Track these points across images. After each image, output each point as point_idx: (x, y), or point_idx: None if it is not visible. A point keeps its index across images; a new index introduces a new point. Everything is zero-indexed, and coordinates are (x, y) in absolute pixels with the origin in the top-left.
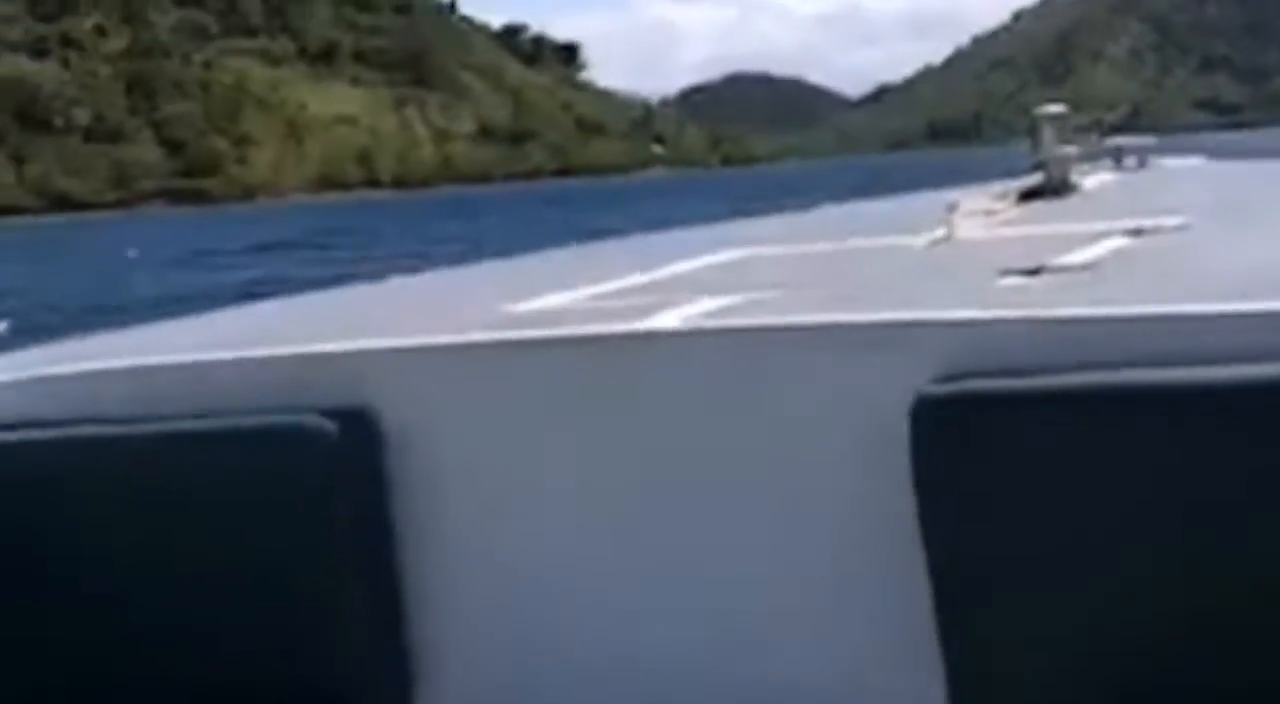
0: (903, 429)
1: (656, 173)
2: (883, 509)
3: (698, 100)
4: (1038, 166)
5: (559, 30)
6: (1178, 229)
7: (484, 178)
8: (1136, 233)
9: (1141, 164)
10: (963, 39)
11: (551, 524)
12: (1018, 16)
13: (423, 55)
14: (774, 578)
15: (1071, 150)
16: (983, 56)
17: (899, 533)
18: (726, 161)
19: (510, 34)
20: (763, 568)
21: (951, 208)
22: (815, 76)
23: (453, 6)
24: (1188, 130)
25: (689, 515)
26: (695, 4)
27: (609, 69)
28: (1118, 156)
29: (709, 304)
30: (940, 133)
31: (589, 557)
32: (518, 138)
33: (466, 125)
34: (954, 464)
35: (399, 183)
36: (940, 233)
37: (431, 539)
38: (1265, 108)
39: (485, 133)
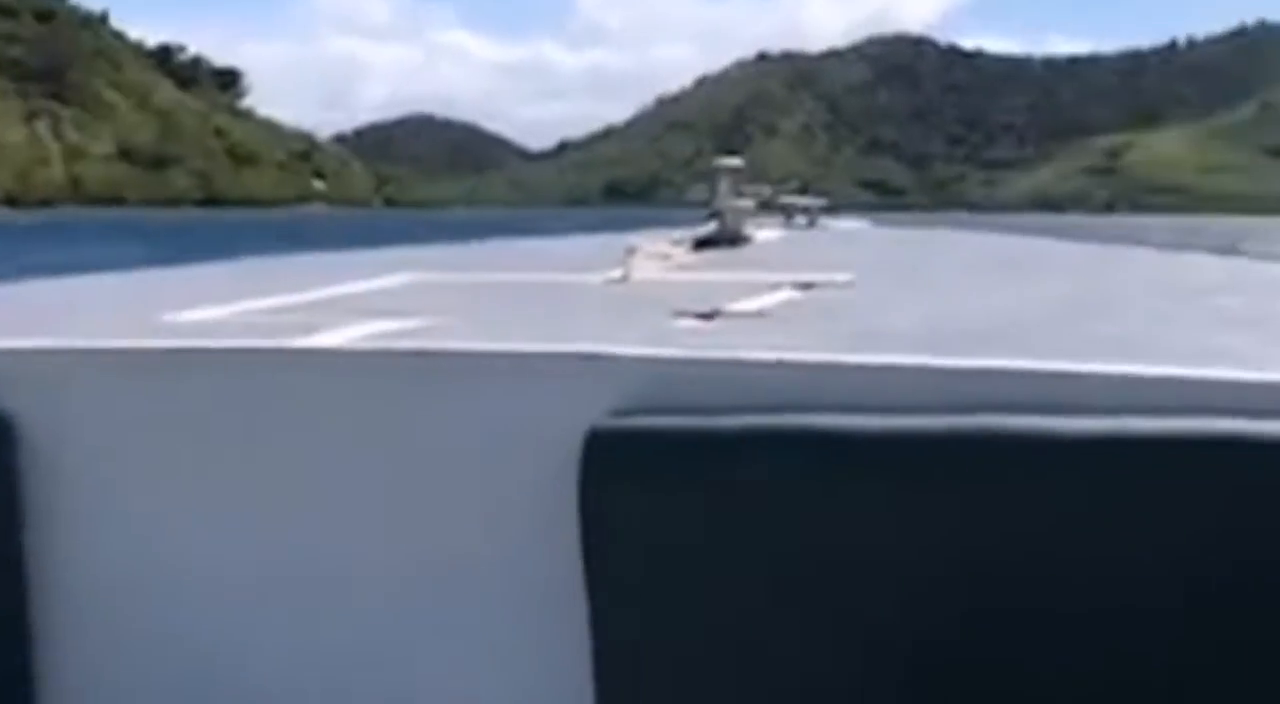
0: (573, 465)
1: (315, 209)
2: (548, 549)
3: (373, 138)
4: (713, 216)
5: (242, 58)
6: (844, 283)
7: (117, 200)
8: (806, 285)
9: (811, 223)
10: (647, 100)
11: (184, 541)
12: (701, 82)
13: (63, 67)
14: (421, 611)
15: (747, 203)
16: (664, 119)
17: (563, 572)
18: (390, 203)
19: (165, 53)
20: (411, 600)
21: (629, 250)
22: (495, 125)
23: (104, 19)
24: (854, 209)
25: (332, 543)
26: (382, 42)
27: (289, 101)
28: (789, 213)
29: (376, 326)
30: (618, 192)
31: (221, 576)
32: (160, 161)
33: (104, 145)
34: (621, 502)
35: (12, 201)
36: (617, 273)
37: (56, 549)
38: (927, 192)
39: (125, 154)
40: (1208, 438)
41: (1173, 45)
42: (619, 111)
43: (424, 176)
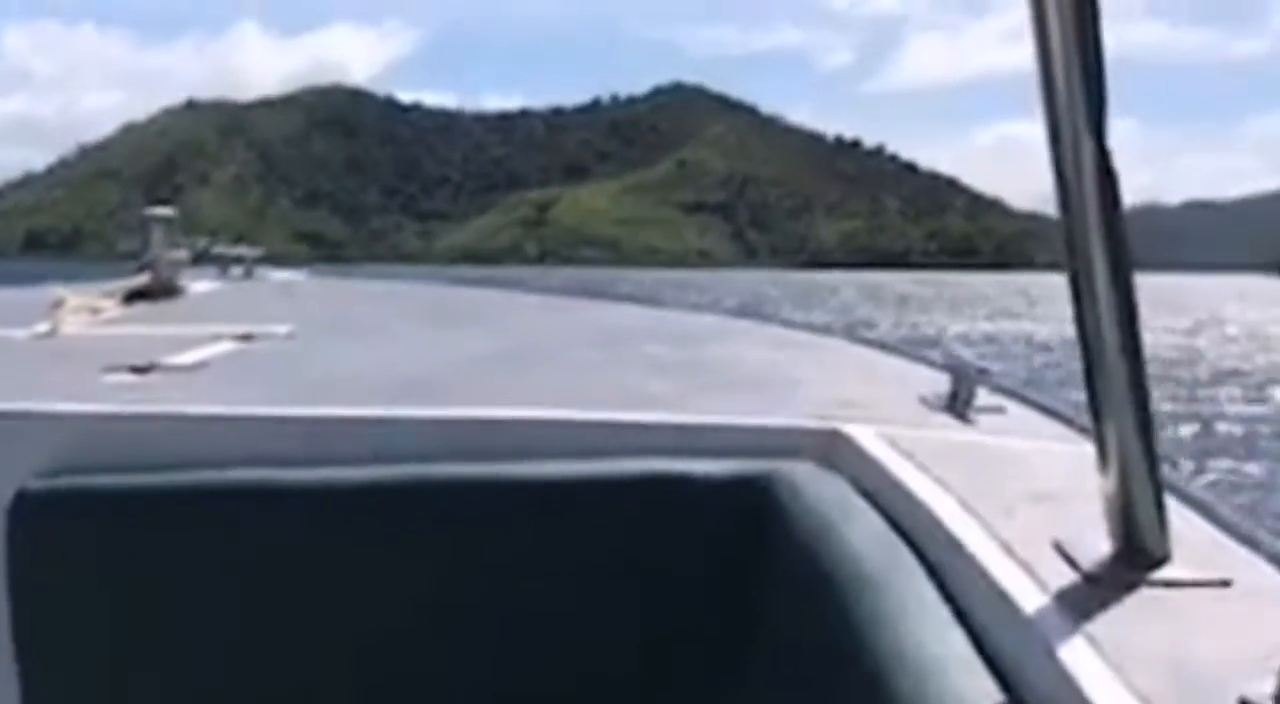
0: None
1: None
2: None
3: None
4: (145, 268)
5: None
6: (284, 335)
7: None
8: (245, 337)
9: (248, 274)
10: (70, 147)
11: None
12: (128, 129)
13: None
14: None
15: (181, 254)
16: (88, 167)
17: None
18: None
19: None
20: None
21: (56, 303)
22: None
23: None
24: (289, 262)
25: None
26: None
27: None
28: (224, 265)
29: None
30: (38, 243)
31: None
32: None
33: None
34: (51, 567)
35: None
36: (44, 327)
37: None
38: (363, 244)
39: None
40: (642, 478)
41: (597, 103)
42: (41, 158)
43: None
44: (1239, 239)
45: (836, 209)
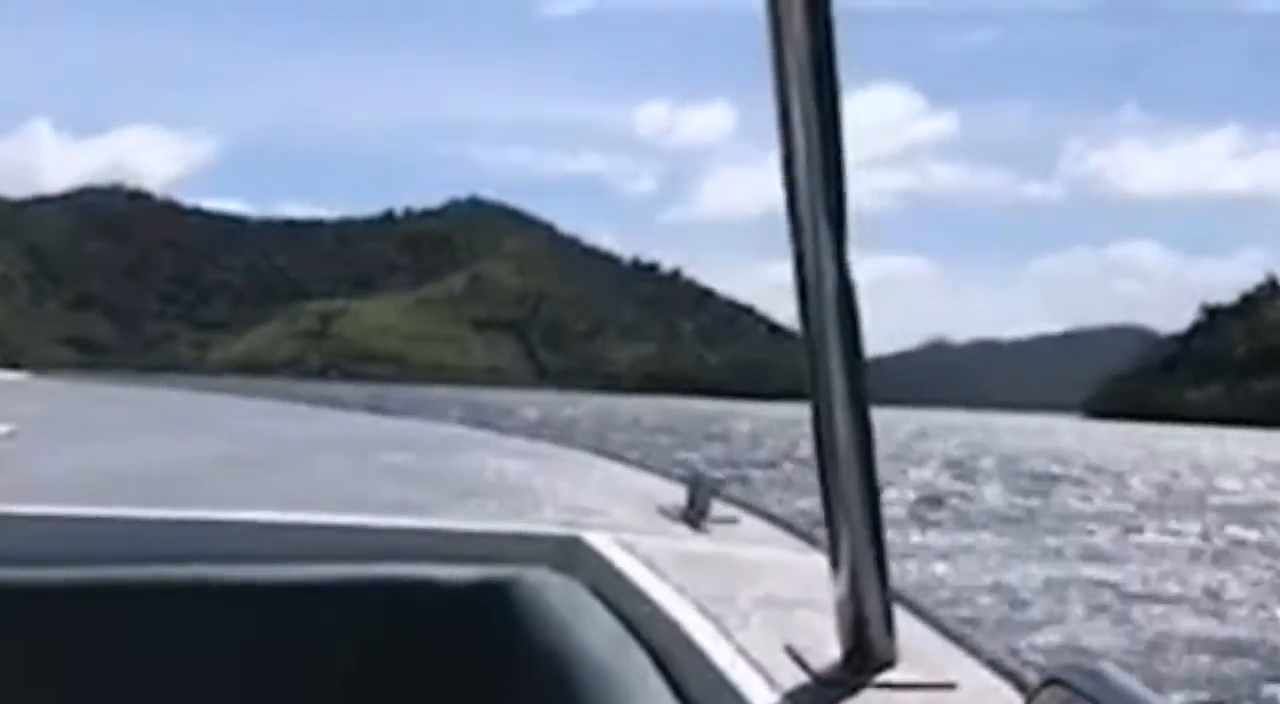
0: None
1: None
2: None
3: None
4: None
5: None
6: (6, 436)
7: None
8: None
9: None
10: None
11: None
12: None
13: None
14: None
15: None
16: None
17: None
18: None
19: None
20: None
21: None
22: None
23: None
24: (55, 366)
25: None
26: None
27: None
28: None
29: None
30: None
31: None
32: None
33: None
34: None
35: None
36: None
37: None
38: (137, 351)
39: None
40: (378, 582)
41: (390, 215)
42: None
43: None
44: (1020, 378)
45: (631, 332)
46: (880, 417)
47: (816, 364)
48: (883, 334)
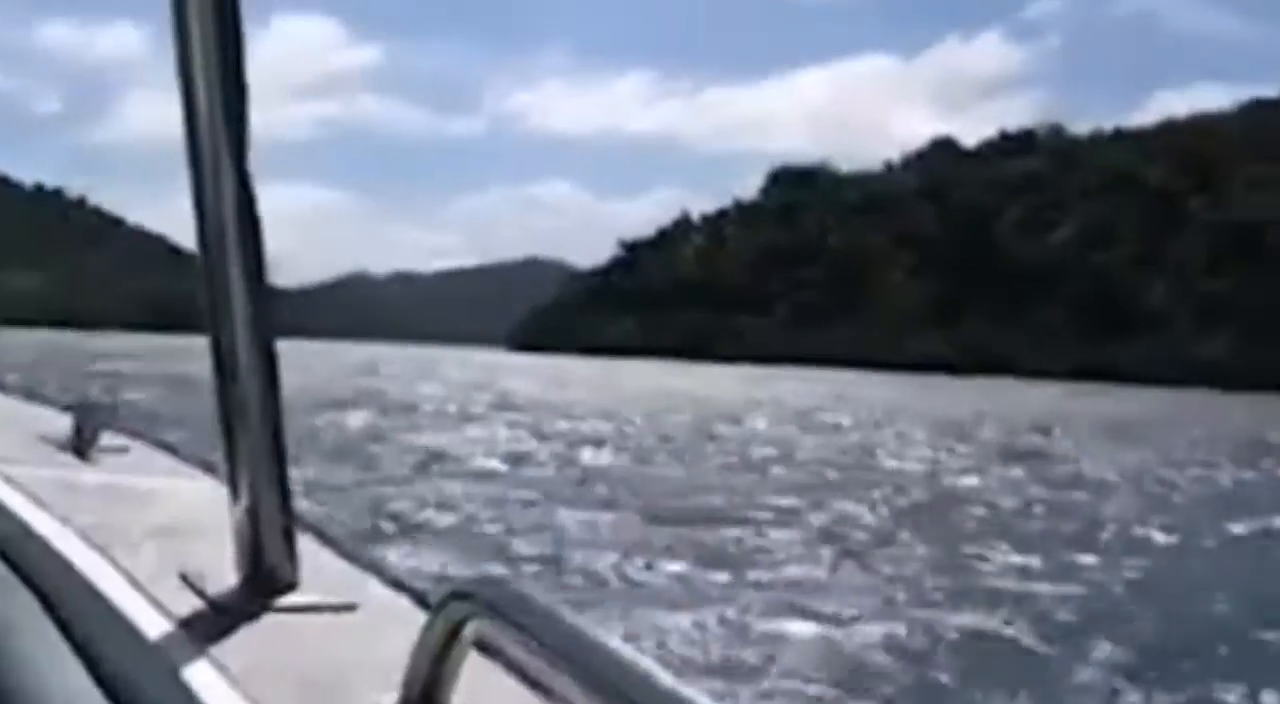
0: None
1: None
2: None
3: None
4: None
5: None
6: None
7: None
8: None
9: None
10: None
11: None
12: None
13: None
14: None
15: None
16: None
17: None
18: None
19: None
20: None
21: None
22: None
23: None
24: None
25: None
26: None
27: None
28: None
29: None
30: None
31: None
32: None
33: None
34: None
35: None
36: None
37: None
38: None
39: None
40: None
41: None
42: None
43: None
44: (441, 310)
45: (34, 262)
46: (299, 348)
47: (215, 292)
48: (305, 267)
